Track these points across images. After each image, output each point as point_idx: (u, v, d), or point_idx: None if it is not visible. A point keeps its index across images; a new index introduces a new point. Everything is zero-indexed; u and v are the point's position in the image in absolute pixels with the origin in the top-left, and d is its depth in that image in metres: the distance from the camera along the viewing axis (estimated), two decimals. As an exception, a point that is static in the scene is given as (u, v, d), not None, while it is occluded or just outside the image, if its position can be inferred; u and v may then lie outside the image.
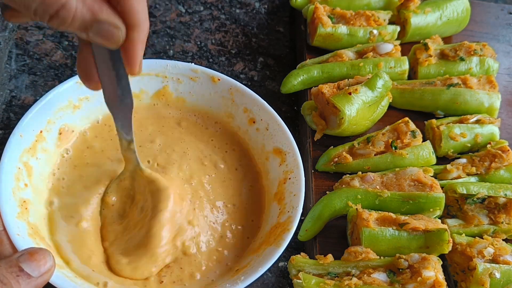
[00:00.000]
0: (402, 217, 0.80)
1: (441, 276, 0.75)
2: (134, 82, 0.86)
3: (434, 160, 0.91)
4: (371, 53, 0.99)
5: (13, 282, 0.58)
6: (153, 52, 1.05)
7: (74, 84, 0.82)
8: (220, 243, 0.78)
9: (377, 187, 0.86)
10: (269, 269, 0.82)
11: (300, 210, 0.76)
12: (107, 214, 0.78)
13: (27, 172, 0.75)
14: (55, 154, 0.81)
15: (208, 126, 0.89)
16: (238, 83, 0.87)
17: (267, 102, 0.87)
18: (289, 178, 0.81)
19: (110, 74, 0.64)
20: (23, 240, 0.67)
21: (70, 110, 0.82)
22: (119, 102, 0.68)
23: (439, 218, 0.84)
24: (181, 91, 0.89)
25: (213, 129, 0.89)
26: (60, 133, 0.82)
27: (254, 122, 0.87)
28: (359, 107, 0.89)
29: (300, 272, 0.75)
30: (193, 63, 0.89)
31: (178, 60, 0.91)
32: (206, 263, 0.76)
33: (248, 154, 0.88)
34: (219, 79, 0.87)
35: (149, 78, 0.87)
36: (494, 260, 0.79)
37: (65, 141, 0.82)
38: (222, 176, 0.84)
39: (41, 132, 0.78)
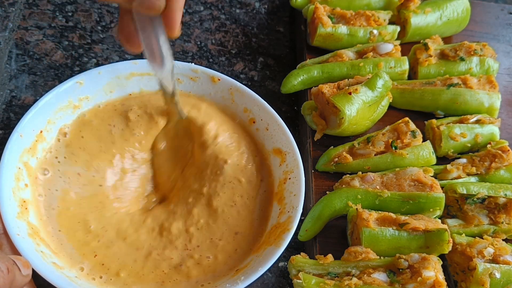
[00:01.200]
0: (402, 217, 0.80)
1: (441, 276, 0.75)
2: (134, 82, 0.86)
3: (434, 160, 0.91)
4: (371, 53, 0.99)
5: (14, 268, 0.61)
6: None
7: (74, 84, 0.82)
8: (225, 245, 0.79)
9: (377, 187, 0.86)
10: (269, 269, 0.82)
11: (300, 210, 0.76)
12: (159, 159, 0.82)
13: (27, 172, 0.75)
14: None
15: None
16: (238, 83, 0.87)
17: (267, 102, 0.87)
18: (289, 178, 0.81)
19: (151, 37, 0.70)
20: (23, 240, 0.68)
21: (70, 110, 0.82)
22: (161, 61, 0.73)
23: (439, 218, 0.84)
24: (181, 91, 0.88)
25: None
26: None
27: (254, 122, 0.87)
28: (359, 107, 0.89)
29: (300, 272, 0.75)
30: (193, 63, 0.89)
31: (178, 60, 0.91)
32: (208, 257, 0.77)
33: (265, 158, 0.87)
34: (219, 79, 0.87)
35: (149, 78, 0.87)
36: (494, 260, 0.79)
37: None
38: (246, 195, 0.83)
39: (41, 132, 0.78)
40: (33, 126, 0.77)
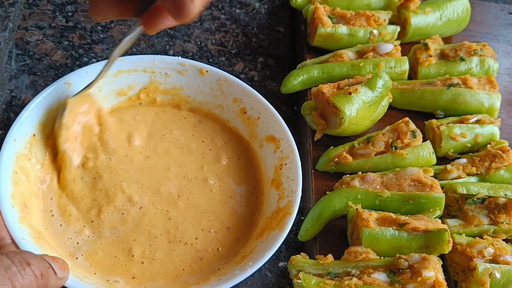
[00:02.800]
0: (402, 217, 0.80)
1: (441, 276, 0.75)
2: (122, 78, 0.86)
3: (434, 160, 0.91)
4: (371, 53, 0.99)
5: (49, 272, 0.59)
6: (153, 52, 1.05)
7: (62, 85, 0.80)
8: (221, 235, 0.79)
9: (377, 187, 0.86)
10: (269, 269, 0.83)
11: (299, 194, 0.77)
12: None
13: (25, 176, 0.75)
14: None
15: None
16: (226, 73, 0.87)
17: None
18: (285, 164, 0.81)
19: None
20: (28, 244, 0.67)
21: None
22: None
23: (439, 218, 0.84)
24: (170, 85, 0.88)
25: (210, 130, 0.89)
26: None
27: (245, 111, 0.87)
28: (359, 107, 0.89)
29: (300, 272, 0.75)
30: (179, 57, 0.89)
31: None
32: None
33: (248, 146, 0.88)
34: (207, 71, 0.87)
35: (137, 74, 0.86)
36: (494, 260, 0.79)
37: None
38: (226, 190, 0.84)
39: (34, 135, 0.78)
40: (25, 130, 0.77)
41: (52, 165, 0.80)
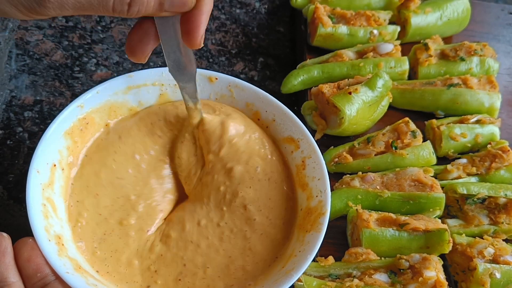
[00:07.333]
0: (402, 218, 0.80)
1: (442, 276, 0.75)
2: (132, 94, 0.83)
3: (434, 160, 0.91)
4: (371, 53, 0.99)
5: None
6: (153, 52, 1.04)
7: (75, 109, 0.77)
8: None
9: (377, 187, 0.86)
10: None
11: (329, 193, 0.75)
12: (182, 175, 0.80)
13: (52, 207, 0.73)
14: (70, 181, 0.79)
15: None
16: (236, 79, 0.86)
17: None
18: (308, 164, 0.80)
19: (174, 44, 0.69)
20: (73, 277, 0.66)
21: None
22: (184, 69, 0.73)
23: (439, 218, 0.84)
24: (180, 96, 0.87)
25: None
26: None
27: (259, 114, 0.86)
28: (359, 107, 0.89)
29: (302, 274, 0.75)
30: None
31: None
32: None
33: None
34: (216, 78, 0.86)
35: (147, 88, 0.84)
36: (494, 260, 0.79)
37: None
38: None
39: (54, 165, 0.75)
40: (46, 160, 0.74)
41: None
